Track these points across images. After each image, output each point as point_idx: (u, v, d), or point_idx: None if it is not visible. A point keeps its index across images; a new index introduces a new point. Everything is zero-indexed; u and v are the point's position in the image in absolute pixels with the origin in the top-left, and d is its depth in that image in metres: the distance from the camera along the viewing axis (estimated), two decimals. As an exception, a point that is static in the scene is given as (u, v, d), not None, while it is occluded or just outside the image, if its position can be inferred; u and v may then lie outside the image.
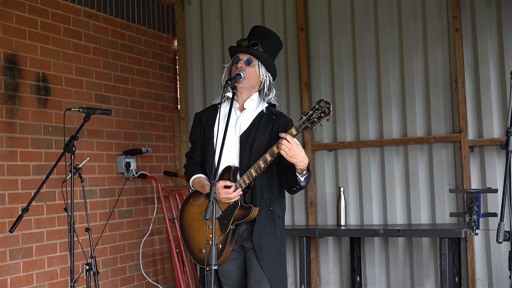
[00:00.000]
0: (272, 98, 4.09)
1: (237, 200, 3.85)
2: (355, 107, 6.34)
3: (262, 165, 3.77)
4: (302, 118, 3.69)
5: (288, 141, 3.63)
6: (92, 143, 5.85)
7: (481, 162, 5.79)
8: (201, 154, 4.09)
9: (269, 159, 3.75)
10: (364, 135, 6.29)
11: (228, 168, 3.89)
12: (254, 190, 3.89)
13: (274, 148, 3.73)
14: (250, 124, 3.98)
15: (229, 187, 3.81)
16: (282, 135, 3.67)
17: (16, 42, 5.10)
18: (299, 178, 3.78)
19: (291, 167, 3.79)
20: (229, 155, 3.91)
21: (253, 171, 3.79)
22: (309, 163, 3.79)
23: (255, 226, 3.88)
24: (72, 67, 5.66)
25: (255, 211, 3.85)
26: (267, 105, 4.06)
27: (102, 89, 6.00)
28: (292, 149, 3.65)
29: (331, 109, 3.65)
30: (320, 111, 3.65)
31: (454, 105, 5.92)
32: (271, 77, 4.08)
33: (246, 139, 3.94)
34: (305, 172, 3.77)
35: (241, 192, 3.83)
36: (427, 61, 6.04)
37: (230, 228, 3.87)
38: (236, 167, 3.90)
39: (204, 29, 7.07)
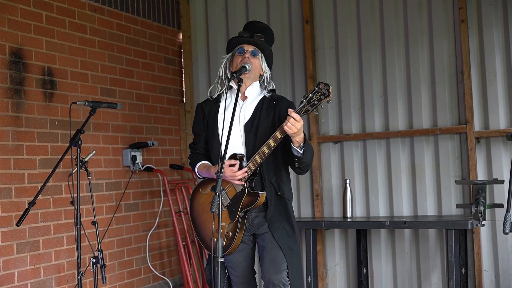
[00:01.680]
0: (272, 84, 4.12)
1: (244, 187, 3.87)
2: (361, 99, 6.33)
3: (266, 151, 3.79)
4: (302, 101, 3.70)
5: (295, 120, 3.65)
6: (98, 136, 5.85)
7: (487, 153, 5.78)
8: (205, 145, 4.11)
9: (272, 144, 3.78)
10: (370, 127, 6.28)
11: (233, 156, 3.92)
12: (262, 176, 3.92)
13: (277, 133, 3.75)
14: (253, 112, 4.01)
15: (234, 165, 3.85)
16: (290, 111, 3.68)
17: (21, 36, 5.11)
18: (297, 150, 3.79)
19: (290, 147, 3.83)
20: (235, 144, 3.94)
21: (258, 158, 3.82)
22: (305, 137, 3.81)
23: (268, 211, 3.92)
24: (78, 61, 5.67)
25: (262, 197, 3.87)
26: (265, 92, 4.08)
27: (107, 82, 6.00)
28: (297, 127, 3.67)
29: (330, 90, 3.65)
30: (320, 93, 3.65)
31: (460, 97, 5.90)
32: (269, 72, 4.12)
33: (250, 127, 3.97)
34: (302, 144, 3.78)
35: (246, 173, 3.85)
36: (433, 53, 6.03)
37: (239, 216, 3.88)
38: (242, 155, 3.93)
39: (209, 22, 7.06)
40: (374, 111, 6.26)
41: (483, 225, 5.34)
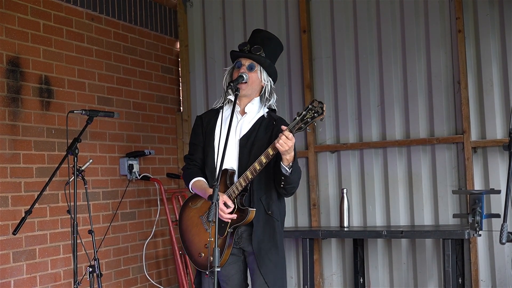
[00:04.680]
0: (273, 103, 4.09)
1: (234, 203, 3.85)
2: (358, 108, 6.34)
3: (258, 167, 3.76)
4: (295, 118, 3.67)
5: (287, 138, 3.62)
6: (95, 145, 5.85)
7: (484, 163, 5.79)
8: (202, 157, 4.07)
9: (264, 161, 3.74)
10: (367, 136, 6.29)
11: (225, 171, 3.89)
12: (252, 193, 3.88)
13: (269, 149, 3.72)
14: (250, 128, 3.98)
15: (228, 207, 3.81)
16: (283, 128, 3.66)
17: (19, 44, 5.11)
18: (285, 169, 3.75)
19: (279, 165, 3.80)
20: (228, 158, 3.88)
21: (249, 174, 3.78)
22: (296, 157, 3.77)
23: (254, 230, 3.88)
24: (75, 70, 5.67)
25: (252, 213, 3.84)
26: (268, 110, 4.06)
27: (104, 91, 6.01)
28: (288, 145, 3.64)
29: (324, 108, 3.62)
30: (313, 111, 3.63)
31: (457, 106, 5.91)
32: (272, 82, 4.09)
33: (245, 142, 3.94)
34: (290, 164, 3.75)
35: (234, 217, 3.82)
36: (430, 62, 6.04)
37: (228, 231, 3.87)
38: (233, 170, 3.91)
39: (206, 31, 7.08)
40: (371, 121, 6.26)
41: (480, 235, 5.34)
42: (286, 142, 3.63)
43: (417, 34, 6.09)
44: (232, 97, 3.96)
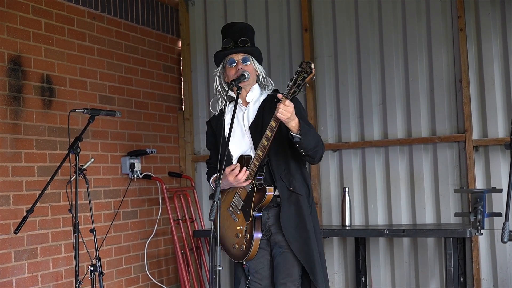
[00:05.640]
0: (271, 84, 4.11)
1: (252, 185, 3.84)
2: (360, 107, 6.34)
3: (266, 143, 3.74)
4: (288, 85, 3.64)
5: (286, 105, 3.61)
6: (97, 144, 5.85)
7: (486, 162, 5.78)
8: (217, 157, 4.08)
9: (269, 134, 3.72)
10: (368, 135, 6.28)
11: (240, 158, 3.91)
12: (271, 171, 3.88)
13: (272, 122, 3.70)
14: (257, 113, 4.00)
15: (234, 169, 3.84)
16: (279, 96, 3.65)
17: (20, 43, 5.11)
18: (294, 135, 3.73)
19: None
20: (245, 149, 3.95)
21: (259, 152, 3.78)
22: (301, 122, 3.74)
23: (281, 209, 3.87)
24: (76, 68, 5.67)
25: (269, 191, 3.82)
26: (268, 92, 4.07)
27: (106, 90, 6.01)
28: (289, 111, 3.62)
29: (312, 67, 3.56)
30: (303, 73, 3.60)
31: (458, 105, 5.91)
32: (263, 70, 4.12)
33: (255, 129, 3.94)
34: (299, 129, 3.72)
35: (247, 172, 3.82)
36: (431, 61, 6.04)
37: (253, 215, 3.85)
38: (249, 156, 3.91)
39: (208, 30, 7.07)
40: (372, 119, 6.26)
41: (482, 233, 5.33)
42: (285, 109, 3.61)
43: (419, 33, 6.09)
44: (233, 94, 3.97)
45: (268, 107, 3.97)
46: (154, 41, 6.74)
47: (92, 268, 4.34)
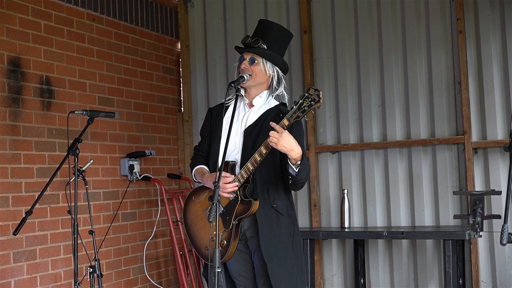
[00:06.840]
0: (283, 92, 4.01)
1: (237, 195, 3.82)
2: (359, 109, 6.34)
3: (258, 158, 3.70)
4: (292, 107, 3.60)
5: (276, 131, 3.56)
6: (96, 145, 5.85)
7: (485, 164, 5.79)
8: (208, 147, 4.06)
9: (264, 151, 3.68)
10: (367, 137, 6.28)
11: (226, 164, 3.84)
12: (255, 184, 3.83)
13: (268, 140, 3.64)
14: (256, 120, 3.94)
15: (227, 177, 3.78)
16: (272, 124, 3.60)
17: (20, 45, 5.11)
18: (292, 168, 3.69)
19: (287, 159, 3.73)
20: (233, 149, 3.89)
21: (249, 165, 3.74)
22: (304, 155, 3.68)
23: (259, 225, 3.82)
24: (76, 70, 5.67)
25: (255, 205, 3.79)
26: (277, 103, 4.01)
27: (105, 91, 6.01)
28: (281, 138, 3.56)
29: (320, 96, 3.54)
30: (310, 99, 3.56)
31: (457, 107, 5.91)
32: (279, 71, 3.99)
33: (250, 133, 3.89)
34: (298, 162, 3.67)
35: (237, 185, 3.78)
36: (431, 63, 6.04)
37: (232, 224, 3.84)
38: (234, 162, 3.87)
39: (207, 32, 7.08)
40: (372, 121, 6.26)
41: (481, 236, 5.34)
42: (276, 136, 3.55)
43: (418, 35, 6.09)
44: (242, 92, 3.95)
45: (270, 119, 3.88)
46: (154, 42, 6.74)
47: (91, 270, 4.35)
